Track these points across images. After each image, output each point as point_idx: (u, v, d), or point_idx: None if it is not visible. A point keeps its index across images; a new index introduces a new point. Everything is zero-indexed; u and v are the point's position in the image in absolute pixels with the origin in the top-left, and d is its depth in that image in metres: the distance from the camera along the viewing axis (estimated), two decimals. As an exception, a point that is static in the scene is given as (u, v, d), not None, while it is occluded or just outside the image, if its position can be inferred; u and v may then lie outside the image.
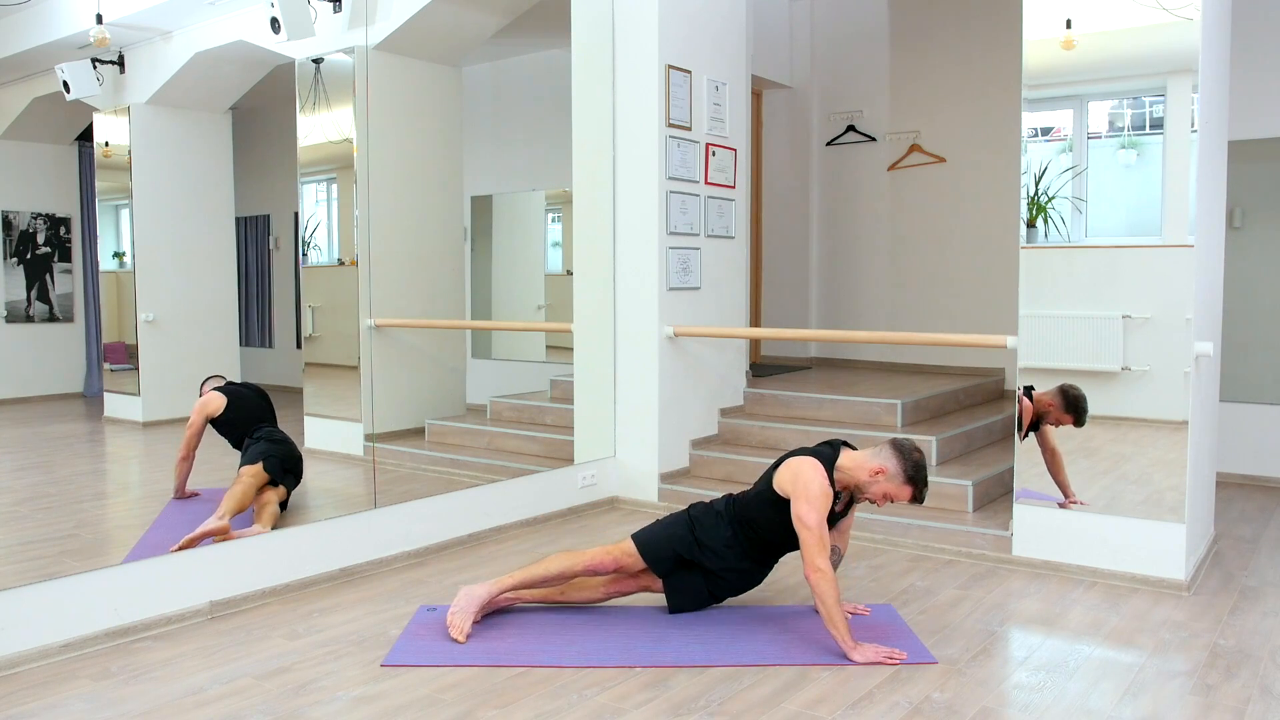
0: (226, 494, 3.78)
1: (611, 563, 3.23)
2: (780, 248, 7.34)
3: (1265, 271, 5.43)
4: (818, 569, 2.92)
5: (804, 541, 2.97)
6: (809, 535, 2.95)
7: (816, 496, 2.98)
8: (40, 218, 4.15)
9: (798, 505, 2.99)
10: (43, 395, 4.21)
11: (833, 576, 2.94)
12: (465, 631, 3.07)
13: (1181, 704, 2.68)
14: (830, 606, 2.91)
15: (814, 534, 2.95)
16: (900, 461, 3.04)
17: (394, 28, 4.98)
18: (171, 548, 3.43)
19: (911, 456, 3.05)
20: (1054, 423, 3.83)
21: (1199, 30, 3.51)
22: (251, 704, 2.65)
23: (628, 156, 4.97)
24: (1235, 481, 5.45)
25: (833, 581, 2.93)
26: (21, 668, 2.87)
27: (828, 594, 2.91)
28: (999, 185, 6.38)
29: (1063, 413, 3.82)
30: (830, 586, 2.91)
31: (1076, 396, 3.80)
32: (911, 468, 3.03)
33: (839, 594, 2.96)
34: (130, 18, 4.04)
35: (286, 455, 4.12)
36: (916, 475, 3.04)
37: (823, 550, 2.95)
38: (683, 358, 5.10)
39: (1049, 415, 3.83)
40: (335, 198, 4.81)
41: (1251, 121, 5.32)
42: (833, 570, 2.98)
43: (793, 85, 7.21)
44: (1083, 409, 3.78)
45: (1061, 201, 3.90)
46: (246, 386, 4.33)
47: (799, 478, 3.03)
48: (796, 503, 3.00)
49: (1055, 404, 3.82)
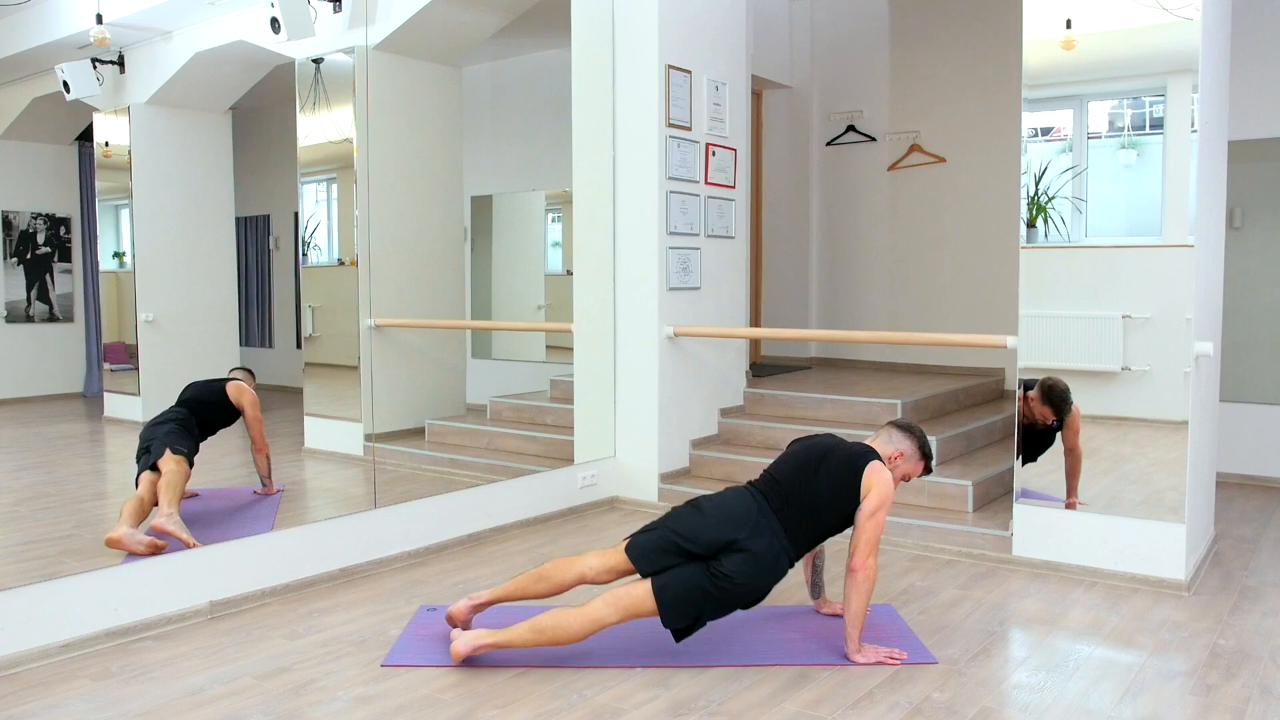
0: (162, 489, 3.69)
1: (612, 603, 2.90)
2: (780, 248, 7.34)
3: (1265, 271, 5.43)
4: (869, 566, 2.92)
5: (869, 536, 2.93)
6: (877, 531, 2.95)
7: (890, 500, 3.00)
8: (40, 218, 4.15)
9: (876, 505, 2.95)
10: (43, 395, 4.21)
11: (876, 577, 2.96)
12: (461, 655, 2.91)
13: (1181, 704, 2.68)
14: (864, 604, 2.93)
15: (880, 533, 2.96)
16: (912, 441, 3.13)
17: (394, 28, 4.98)
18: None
19: (916, 432, 3.16)
20: (1040, 419, 3.84)
21: (1199, 30, 3.51)
22: (251, 704, 2.65)
23: (628, 156, 4.97)
24: (1235, 481, 5.45)
25: (875, 582, 2.96)
26: (21, 668, 2.87)
27: (868, 592, 2.93)
28: (999, 185, 6.38)
29: (1043, 406, 3.82)
30: (873, 585, 2.94)
31: (1050, 387, 3.81)
32: (922, 443, 3.15)
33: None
34: (130, 18, 4.04)
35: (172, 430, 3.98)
36: (927, 449, 3.16)
37: (877, 548, 2.97)
38: (683, 358, 5.10)
39: (1034, 411, 3.84)
40: (335, 198, 4.81)
41: (1251, 121, 5.31)
42: None
43: (793, 85, 7.21)
44: (1058, 401, 3.79)
45: (1061, 201, 3.90)
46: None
47: (886, 484, 2.99)
48: (875, 501, 2.96)
49: (1036, 399, 3.84)
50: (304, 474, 4.34)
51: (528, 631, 2.87)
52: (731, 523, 2.91)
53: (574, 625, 2.84)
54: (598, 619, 2.84)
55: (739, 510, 2.96)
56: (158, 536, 3.47)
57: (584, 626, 2.84)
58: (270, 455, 4.28)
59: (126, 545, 3.42)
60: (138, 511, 3.60)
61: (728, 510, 2.97)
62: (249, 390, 4.20)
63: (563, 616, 2.86)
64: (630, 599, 2.85)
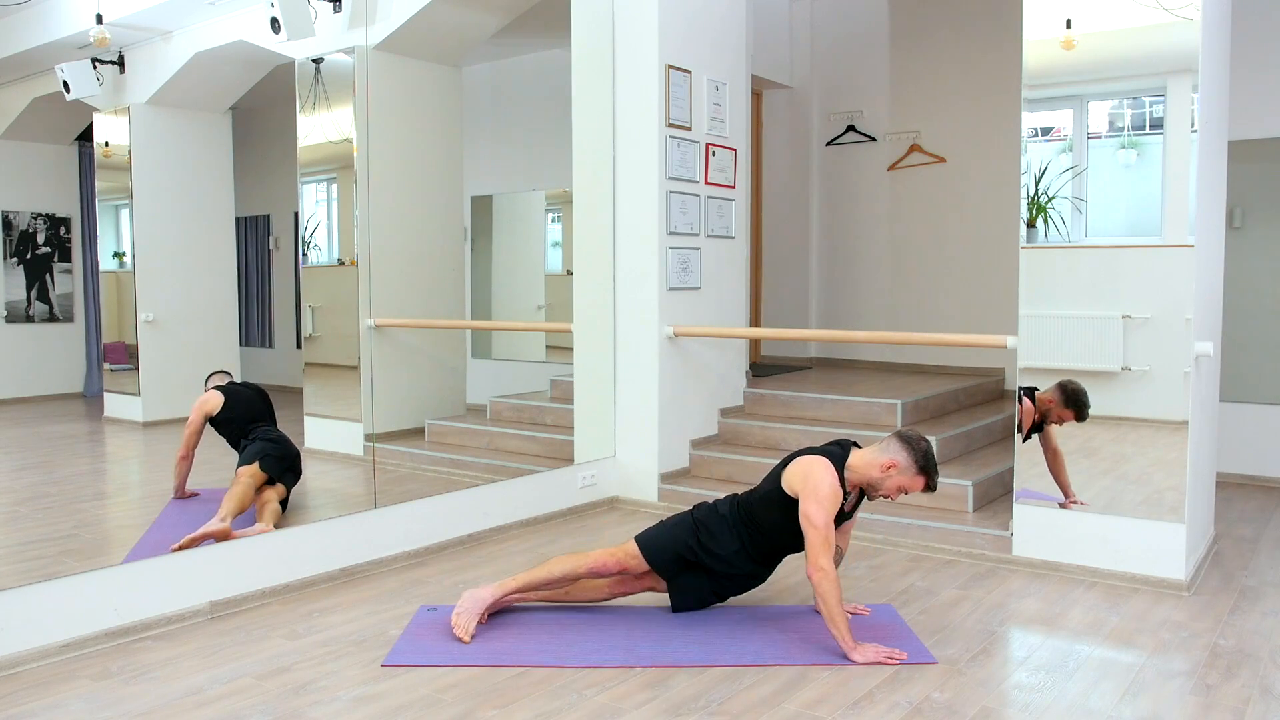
0: (226, 495, 3.78)
1: (615, 565, 3.24)
2: (780, 248, 7.34)
3: (1265, 271, 5.43)
4: (820, 568, 2.92)
5: (809, 540, 2.96)
6: (815, 534, 2.95)
7: (826, 496, 2.99)
8: (40, 218, 4.15)
9: (806, 504, 2.99)
10: (43, 395, 4.21)
11: (835, 576, 2.94)
12: (470, 631, 3.07)
13: (1181, 704, 2.68)
14: (832, 606, 2.91)
15: (820, 533, 2.95)
16: (910, 453, 3.04)
17: (394, 28, 4.98)
18: (171, 547, 3.43)
19: (919, 446, 3.06)
20: (1056, 420, 3.82)
21: (1199, 30, 3.51)
22: (251, 704, 2.65)
23: (628, 156, 4.97)
24: (1235, 481, 5.45)
25: (835, 581, 2.93)
26: (21, 668, 2.87)
27: (830, 594, 2.91)
28: (999, 185, 6.38)
29: (1063, 408, 3.81)
30: (833, 586, 2.91)
31: (1075, 390, 3.80)
32: (922, 457, 3.04)
33: (841, 594, 2.96)
34: (130, 18, 4.04)
35: (283, 454, 4.13)
36: (927, 464, 3.05)
37: (827, 550, 2.94)
38: (683, 358, 5.10)
39: (1050, 413, 3.83)
40: (335, 198, 4.81)
41: (1251, 121, 5.32)
42: (835, 570, 2.98)
43: (793, 85, 7.21)
44: (1083, 403, 3.78)
45: (1061, 201, 3.90)
46: (246, 385, 4.33)
47: (810, 477, 3.03)
48: (805, 501, 3.00)
49: (1055, 400, 3.82)
50: (304, 474, 4.34)
51: (540, 570, 3.26)
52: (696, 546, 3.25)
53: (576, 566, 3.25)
54: (596, 555, 3.27)
55: (715, 518, 3.27)
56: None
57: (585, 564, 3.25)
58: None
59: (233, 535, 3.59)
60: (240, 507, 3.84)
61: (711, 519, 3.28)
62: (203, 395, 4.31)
63: (568, 559, 3.28)
64: (623, 549, 3.26)
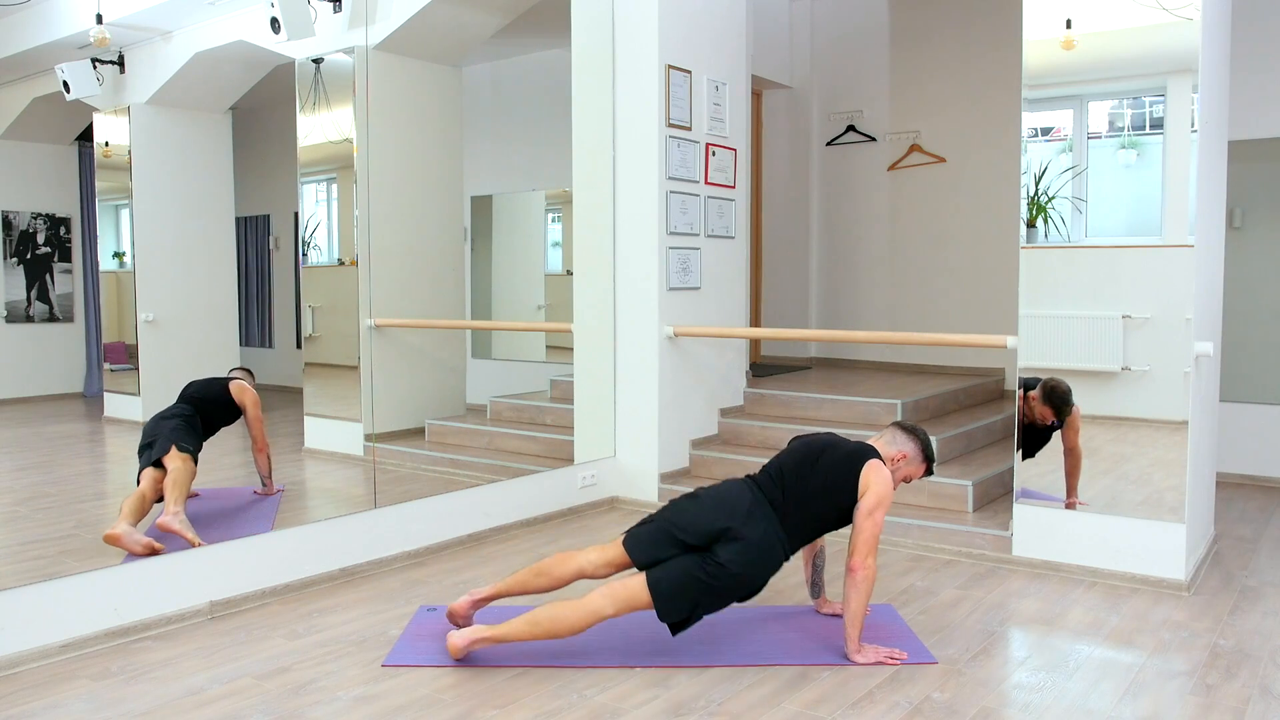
0: (168, 487, 3.66)
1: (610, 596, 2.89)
2: (780, 248, 7.34)
3: (1265, 271, 5.43)
4: (869, 566, 2.92)
5: (868, 535, 2.92)
6: (875, 531, 2.93)
7: (888, 499, 2.99)
8: (40, 218, 4.15)
9: (874, 504, 2.95)
10: (43, 395, 4.21)
11: (875, 577, 2.95)
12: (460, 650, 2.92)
13: (1181, 704, 2.68)
14: (862, 605, 2.93)
15: (879, 531, 2.95)
16: (915, 443, 3.13)
17: (394, 28, 4.98)
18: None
19: (920, 434, 3.16)
20: (1040, 418, 3.84)
21: (1199, 30, 3.51)
22: (251, 704, 2.65)
23: (628, 156, 4.97)
24: (1235, 481, 5.45)
25: (874, 583, 2.95)
26: (21, 668, 2.87)
27: (867, 593, 2.92)
28: (999, 185, 6.38)
29: (1043, 406, 3.83)
30: (871, 587, 2.93)
31: (1052, 388, 3.82)
32: (925, 446, 3.14)
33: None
34: (130, 18, 4.04)
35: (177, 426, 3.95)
36: (930, 452, 3.15)
37: (876, 548, 2.96)
38: (683, 358, 5.10)
39: (1034, 410, 3.85)
40: (335, 198, 4.80)
41: (1251, 121, 5.32)
42: None
43: (793, 85, 7.21)
44: (1060, 401, 3.80)
45: (1061, 201, 3.90)
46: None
47: (884, 483, 2.99)
48: (872, 499, 2.95)
49: (1036, 399, 3.84)
50: (304, 474, 4.34)
51: (524, 625, 2.86)
52: (726, 510, 2.92)
53: (571, 618, 2.84)
54: (594, 611, 2.83)
55: (734, 498, 2.97)
56: (158, 536, 3.47)
57: (581, 619, 2.84)
58: (271, 455, 4.28)
59: (125, 544, 3.41)
60: (139, 509, 3.58)
61: (723, 498, 2.98)
62: (250, 389, 4.19)
63: (559, 610, 2.86)
64: (627, 591, 2.84)
